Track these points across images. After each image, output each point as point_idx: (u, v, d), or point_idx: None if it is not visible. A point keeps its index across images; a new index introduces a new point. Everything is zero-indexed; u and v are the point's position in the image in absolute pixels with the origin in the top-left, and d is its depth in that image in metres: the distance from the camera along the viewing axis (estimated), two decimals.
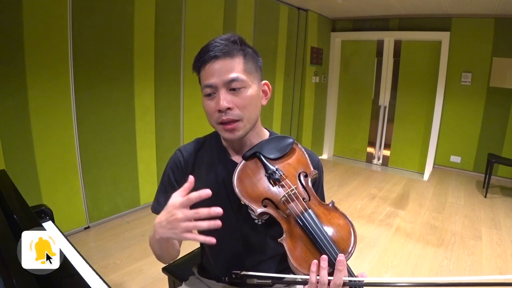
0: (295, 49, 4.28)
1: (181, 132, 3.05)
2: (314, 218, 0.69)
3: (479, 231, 2.76)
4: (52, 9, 2.03)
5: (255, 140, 0.83)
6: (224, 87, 0.74)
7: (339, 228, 0.70)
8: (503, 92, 3.95)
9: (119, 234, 2.44)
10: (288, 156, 0.79)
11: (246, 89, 0.75)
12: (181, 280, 1.11)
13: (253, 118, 0.79)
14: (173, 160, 0.89)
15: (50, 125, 2.14)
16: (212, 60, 0.74)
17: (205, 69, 0.75)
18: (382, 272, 2.13)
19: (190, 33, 2.92)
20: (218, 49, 0.74)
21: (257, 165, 0.77)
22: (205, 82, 0.76)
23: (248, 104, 0.76)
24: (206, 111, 0.78)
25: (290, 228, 0.71)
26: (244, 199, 0.74)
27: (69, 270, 0.65)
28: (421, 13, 4.11)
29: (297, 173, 0.77)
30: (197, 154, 0.88)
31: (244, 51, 0.77)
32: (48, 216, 1.18)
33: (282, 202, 0.72)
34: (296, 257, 0.68)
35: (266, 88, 0.83)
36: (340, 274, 0.62)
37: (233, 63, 0.74)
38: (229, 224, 0.83)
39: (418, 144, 4.54)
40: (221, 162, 0.85)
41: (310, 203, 0.73)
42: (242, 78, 0.74)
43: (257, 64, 0.80)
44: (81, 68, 2.22)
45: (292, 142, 0.80)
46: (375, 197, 3.48)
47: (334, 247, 0.66)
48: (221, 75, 0.73)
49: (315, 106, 4.78)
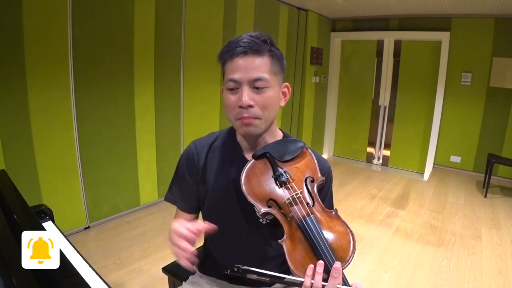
0: (295, 49, 4.28)
1: (181, 132, 3.05)
2: (316, 223, 0.70)
3: (479, 231, 2.77)
4: (52, 9, 2.03)
5: (269, 140, 0.85)
6: (248, 84, 0.75)
7: (339, 236, 0.70)
8: (503, 92, 3.95)
9: (119, 234, 2.44)
10: (297, 160, 0.79)
11: (269, 89, 0.77)
12: (181, 280, 1.11)
13: (271, 119, 0.80)
14: (187, 153, 0.92)
15: (50, 125, 2.14)
16: (241, 55, 0.75)
17: (232, 63, 0.76)
18: (382, 272, 2.13)
19: (190, 33, 2.92)
20: (248, 46, 0.74)
21: (266, 165, 0.78)
22: (230, 76, 0.76)
23: (269, 104, 0.77)
24: (227, 104, 0.79)
25: (291, 231, 0.71)
26: (249, 197, 0.74)
27: (69, 270, 0.65)
28: (421, 13, 4.11)
29: (304, 177, 0.77)
30: (210, 148, 0.90)
31: (272, 52, 0.78)
32: (48, 216, 1.17)
33: (286, 205, 0.73)
34: (294, 259, 0.68)
35: (286, 90, 0.85)
36: (334, 281, 0.63)
37: (260, 62, 0.75)
38: (235, 219, 0.86)
39: (418, 144, 4.54)
40: (233, 159, 0.87)
41: (314, 208, 0.73)
42: (266, 78, 0.76)
43: (281, 67, 0.81)
44: (81, 68, 2.22)
45: (303, 146, 0.81)
46: (375, 197, 3.48)
47: (332, 254, 0.67)
48: (247, 72, 0.75)
49: (315, 106, 4.78)
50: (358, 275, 2.09)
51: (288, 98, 0.86)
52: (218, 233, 0.93)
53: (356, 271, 2.14)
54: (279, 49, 0.81)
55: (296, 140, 0.83)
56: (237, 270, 0.70)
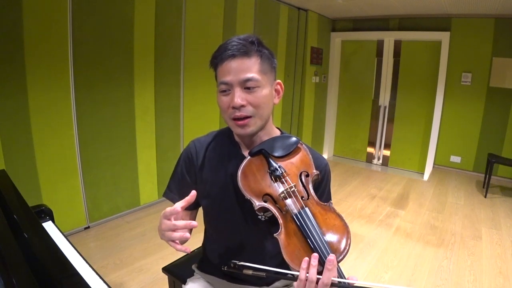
0: (295, 49, 4.28)
1: (181, 132, 3.06)
2: (310, 216, 0.71)
3: (479, 231, 2.77)
4: (52, 9, 2.03)
5: (265, 138, 0.86)
6: (239, 85, 0.77)
7: (334, 229, 0.71)
8: (503, 92, 3.95)
9: (119, 234, 2.44)
10: (292, 155, 0.81)
11: (260, 89, 0.79)
12: (181, 280, 1.11)
13: (264, 116, 0.82)
14: (186, 151, 0.94)
15: (50, 125, 2.14)
16: (230, 58, 0.77)
17: (222, 67, 0.79)
18: (382, 272, 2.14)
19: (190, 33, 2.92)
20: (236, 48, 0.77)
21: (262, 161, 0.80)
22: (221, 79, 0.79)
23: (261, 102, 0.79)
24: (220, 106, 0.82)
25: (286, 224, 0.73)
26: (246, 193, 0.77)
27: (69, 270, 0.65)
28: (421, 13, 4.11)
29: (299, 172, 0.79)
30: (209, 147, 0.92)
31: (261, 52, 0.80)
32: (48, 216, 1.18)
33: (280, 198, 0.74)
34: (289, 252, 0.69)
35: (278, 88, 0.87)
36: (329, 273, 0.63)
37: (249, 63, 0.77)
38: (233, 216, 0.87)
39: (418, 144, 4.54)
40: (232, 156, 0.89)
41: (308, 201, 0.75)
42: (257, 78, 0.78)
43: (272, 65, 0.83)
44: (81, 68, 2.22)
45: (297, 141, 0.83)
46: (375, 197, 3.48)
47: (326, 246, 0.67)
48: (237, 74, 0.77)
49: (315, 106, 4.78)
50: (358, 275, 2.09)
51: (281, 95, 0.87)
52: (218, 230, 0.93)
53: (356, 271, 2.14)
54: (268, 48, 0.83)
55: (291, 136, 0.84)
56: (234, 266, 0.72)
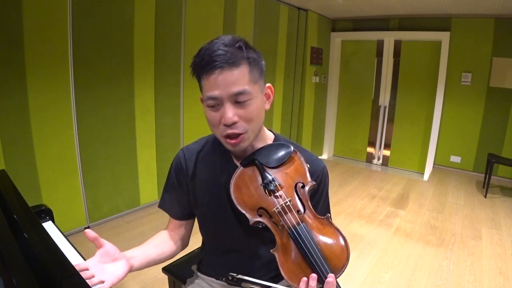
0: (295, 49, 4.28)
1: (181, 132, 3.05)
2: (307, 232, 0.69)
3: (479, 231, 2.77)
4: (52, 9, 2.03)
5: (258, 145, 0.82)
6: (230, 100, 0.70)
7: (332, 244, 0.68)
8: (503, 92, 3.95)
9: (119, 234, 2.44)
10: (286, 165, 0.77)
11: (251, 101, 0.72)
12: (181, 280, 1.11)
13: (257, 129, 0.77)
14: (175, 161, 0.91)
15: (50, 125, 2.14)
16: (217, 71, 0.68)
17: (208, 80, 0.69)
18: (382, 272, 2.13)
19: (190, 33, 2.92)
20: (223, 59, 0.67)
21: (255, 172, 0.76)
22: (209, 93, 0.70)
23: (254, 116, 0.73)
24: (210, 121, 0.75)
25: (283, 240, 0.70)
26: (239, 207, 0.74)
27: (69, 270, 0.65)
28: (421, 13, 4.11)
29: (294, 183, 0.75)
30: (200, 155, 0.88)
31: (249, 59, 0.71)
32: (48, 216, 1.17)
33: (276, 214, 0.71)
34: (286, 270, 0.67)
35: (269, 92, 0.79)
36: None
37: (238, 74, 0.69)
38: (229, 223, 0.84)
39: (418, 144, 4.54)
40: (223, 165, 0.85)
41: (305, 215, 0.72)
42: (248, 90, 0.70)
43: (261, 70, 0.75)
44: (81, 68, 2.22)
45: (291, 151, 0.78)
46: (375, 197, 3.48)
47: (324, 264, 0.66)
48: (226, 88, 0.69)
49: (315, 106, 4.78)
50: (358, 275, 2.09)
51: (272, 99, 0.80)
52: (214, 238, 0.91)
53: (356, 271, 2.14)
54: (255, 50, 0.75)
55: (285, 145, 0.80)
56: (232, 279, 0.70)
